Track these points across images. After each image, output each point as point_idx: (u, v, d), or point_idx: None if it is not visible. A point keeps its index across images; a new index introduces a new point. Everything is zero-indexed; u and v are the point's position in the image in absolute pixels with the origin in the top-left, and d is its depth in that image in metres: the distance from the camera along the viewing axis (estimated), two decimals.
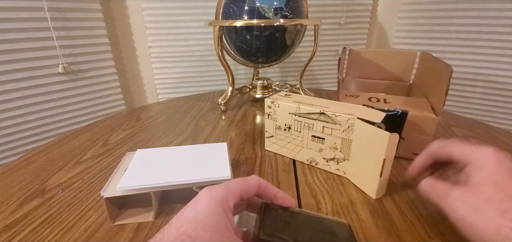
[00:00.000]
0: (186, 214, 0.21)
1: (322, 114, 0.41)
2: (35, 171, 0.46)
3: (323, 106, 0.42)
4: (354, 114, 0.38)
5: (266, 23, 0.60)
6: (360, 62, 0.65)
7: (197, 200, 0.22)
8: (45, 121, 0.78)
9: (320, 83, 1.07)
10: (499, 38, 0.81)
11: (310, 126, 0.43)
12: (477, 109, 0.90)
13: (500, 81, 0.84)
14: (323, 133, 0.42)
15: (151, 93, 1.01)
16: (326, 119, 0.41)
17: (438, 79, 0.44)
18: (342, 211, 0.35)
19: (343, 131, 0.40)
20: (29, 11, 0.69)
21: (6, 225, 0.34)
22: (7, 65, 0.69)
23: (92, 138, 0.58)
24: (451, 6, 0.86)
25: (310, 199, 0.38)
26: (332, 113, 0.40)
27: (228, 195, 0.23)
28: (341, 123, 0.39)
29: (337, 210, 0.36)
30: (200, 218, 0.20)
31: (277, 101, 0.46)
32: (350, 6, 0.95)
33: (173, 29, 0.90)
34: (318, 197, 0.38)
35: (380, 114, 0.39)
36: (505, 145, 0.52)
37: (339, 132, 0.40)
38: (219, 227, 0.20)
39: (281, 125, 0.47)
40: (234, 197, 0.23)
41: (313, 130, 0.43)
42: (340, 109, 0.40)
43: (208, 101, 0.80)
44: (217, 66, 0.77)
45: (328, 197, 0.38)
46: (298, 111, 0.43)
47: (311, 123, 0.43)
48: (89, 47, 0.81)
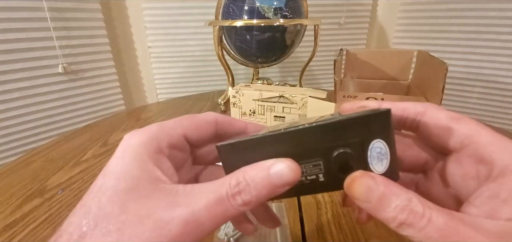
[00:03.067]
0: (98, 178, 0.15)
1: (281, 97, 0.49)
2: (35, 171, 0.46)
3: (281, 91, 0.49)
4: (306, 94, 0.48)
5: (266, 23, 0.60)
6: (358, 63, 0.65)
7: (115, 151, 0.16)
8: (45, 121, 0.78)
9: (320, 83, 1.08)
10: (498, 38, 0.81)
11: (272, 108, 0.50)
12: (477, 109, 0.90)
13: (499, 81, 0.84)
14: (283, 112, 0.50)
15: (151, 93, 1.01)
16: (284, 101, 0.49)
17: (435, 77, 0.44)
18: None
19: (299, 108, 0.48)
20: (29, 11, 0.69)
21: (6, 225, 0.34)
22: (7, 65, 0.69)
23: (92, 138, 0.58)
24: (451, 6, 0.86)
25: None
26: (289, 95, 0.48)
27: (159, 134, 0.17)
28: (297, 102, 0.48)
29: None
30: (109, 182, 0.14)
31: (241, 91, 0.51)
32: (349, 6, 0.95)
33: (173, 29, 0.90)
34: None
35: (323, 93, 0.48)
36: None
37: (295, 109, 0.49)
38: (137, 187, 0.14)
39: (246, 111, 0.53)
40: (170, 136, 0.17)
41: (275, 111, 0.51)
42: (295, 92, 0.49)
43: (208, 101, 0.80)
44: (217, 66, 0.77)
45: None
46: (261, 97, 0.50)
47: (272, 106, 0.50)
48: (89, 47, 0.81)
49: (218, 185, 0.15)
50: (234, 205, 0.14)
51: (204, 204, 0.14)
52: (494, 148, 0.14)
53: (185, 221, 0.14)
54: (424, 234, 0.12)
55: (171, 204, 0.14)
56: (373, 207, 0.14)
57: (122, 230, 0.13)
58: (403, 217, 0.13)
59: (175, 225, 0.13)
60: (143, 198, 0.14)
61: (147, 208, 0.14)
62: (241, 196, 0.14)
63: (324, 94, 0.48)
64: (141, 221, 0.13)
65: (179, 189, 0.15)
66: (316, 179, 0.16)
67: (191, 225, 0.14)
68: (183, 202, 0.14)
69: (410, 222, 0.13)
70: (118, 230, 0.13)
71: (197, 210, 0.14)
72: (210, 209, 0.14)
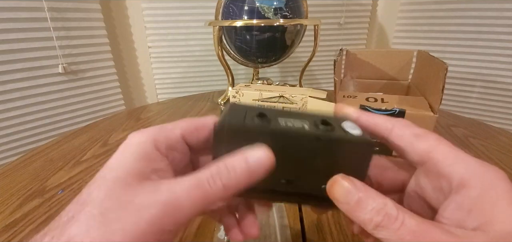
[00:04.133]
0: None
1: (281, 97, 0.48)
2: (35, 171, 0.46)
3: (281, 91, 0.49)
4: (306, 94, 0.48)
5: (266, 23, 0.60)
6: (358, 63, 0.65)
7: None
8: (45, 121, 0.78)
9: (320, 83, 1.08)
10: (498, 38, 0.81)
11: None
12: (476, 109, 0.90)
13: (499, 81, 0.84)
14: None
15: (151, 93, 1.01)
16: (284, 101, 0.49)
17: (435, 77, 0.44)
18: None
19: (299, 108, 0.48)
20: (29, 11, 0.69)
21: (6, 225, 0.34)
22: (7, 65, 0.69)
23: (92, 138, 0.58)
24: (451, 6, 0.86)
25: None
26: (289, 95, 0.48)
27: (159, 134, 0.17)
28: (297, 102, 0.48)
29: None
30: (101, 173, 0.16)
31: (241, 91, 0.51)
32: (349, 6, 0.95)
33: (173, 29, 0.90)
34: None
35: (323, 93, 0.49)
36: (505, 144, 0.52)
37: (296, 109, 0.48)
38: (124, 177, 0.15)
39: None
40: (168, 137, 0.18)
41: None
42: (295, 92, 0.49)
43: (208, 102, 0.80)
44: (217, 66, 0.77)
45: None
46: (261, 97, 0.50)
47: (272, 106, 0.50)
48: (88, 47, 0.81)
49: (200, 172, 0.16)
50: (214, 187, 0.15)
51: (185, 187, 0.15)
52: (449, 162, 0.15)
53: (164, 203, 0.14)
54: (398, 235, 0.13)
55: (153, 190, 0.15)
56: (351, 208, 0.15)
57: (105, 214, 0.14)
58: (378, 219, 0.14)
59: (154, 207, 0.14)
60: (128, 186, 0.15)
61: (130, 195, 0.15)
62: (221, 179, 0.15)
63: (324, 94, 0.48)
64: (123, 206, 0.14)
65: (165, 181, 0.16)
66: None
67: (170, 207, 0.14)
68: (164, 188, 0.15)
69: (384, 224, 0.14)
70: (101, 214, 0.14)
71: (177, 192, 0.15)
72: (190, 191, 0.15)
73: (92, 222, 0.14)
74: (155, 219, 0.14)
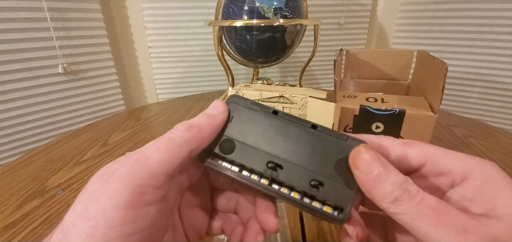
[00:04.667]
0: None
1: (281, 97, 0.48)
2: (35, 171, 0.46)
3: (281, 91, 0.49)
4: (306, 94, 0.48)
5: (266, 23, 0.60)
6: (357, 63, 0.65)
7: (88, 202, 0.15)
8: (45, 121, 0.78)
9: (320, 83, 1.08)
10: (498, 38, 0.81)
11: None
12: (476, 109, 0.90)
13: (499, 81, 0.84)
14: None
15: (151, 93, 1.01)
16: (284, 101, 0.49)
17: (435, 77, 0.44)
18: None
19: (299, 108, 0.48)
20: (29, 11, 0.69)
21: (6, 225, 0.34)
22: (7, 65, 0.69)
23: (92, 138, 0.58)
24: (451, 6, 0.86)
25: None
26: (289, 95, 0.48)
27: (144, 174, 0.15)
28: (297, 102, 0.48)
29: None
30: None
31: (241, 91, 0.51)
32: (349, 6, 0.95)
33: (173, 29, 0.90)
34: None
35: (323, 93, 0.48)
36: (505, 144, 0.52)
37: (296, 109, 0.48)
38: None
39: None
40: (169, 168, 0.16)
41: None
42: (295, 92, 0.49)
43: (208, 102, 0.80)
44: (217, 66, 0.77)
45: None
46: (261, 97, 0.50)
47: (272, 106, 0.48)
48: (88, 47, 0.81)
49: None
50: (177, 131, 0.17)
51: (151, 142, 0.17)
52: (448, 160, 0.16)
53: (132, 160, 0.15)
54: (418, 209, 0.14)
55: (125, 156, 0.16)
56: (372, 179, 0.15)
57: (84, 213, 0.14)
58: (399, 192, 0.14)
59: (123, 166, 0.15)
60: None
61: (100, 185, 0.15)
62: (182, 125, 0.17)
63: (324, 94, 0.48)
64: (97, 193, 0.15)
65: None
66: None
67: (139, 162, 0.15)
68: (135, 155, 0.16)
69: (404, 198, 0.14)
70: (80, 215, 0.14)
71: (144, 148, 0.16)
72: (155, 143, 0.16)
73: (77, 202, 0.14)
74: (125, 175, 0.15)
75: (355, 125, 0.48)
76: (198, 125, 0.17)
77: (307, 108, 0.48)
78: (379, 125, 0.47)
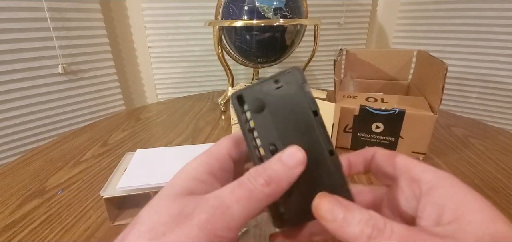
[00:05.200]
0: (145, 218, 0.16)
1: None
2: (35, 171, 0.46)
3: None
4: None
5: (266, 23, 0.60)
6: (357, 63, 0.65)
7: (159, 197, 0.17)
8: (45, 121, 0.78)
9: (320, 83, 1.08)
10: (497, 38, 0.81)
11: None
12: (476, 109, 0.90)
13: (499, 81, 0.84)
14: None
15: (151, 93, 1.01)
16: None
17: (435, 77, 0.44)
18: None
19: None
20: (29, 11, 0.69)
21: (6, 225, 0.34)
22: (7, 65, 0.69)
23: (91, 138, 0.58)
24: (451, 6, 0.86)
25: None
26: None
27: (209, 158, 0.19)
28: None
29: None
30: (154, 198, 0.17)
31: None
32: (349, 6, 0.95)
33: (172, 29, 0.90)
34: None
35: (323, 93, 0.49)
36: (505, 144, 0.52)
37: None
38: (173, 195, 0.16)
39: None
40: (219, 160, 0.19)
41: None
42: None
43: (208, 102, 0.80)
44: (217, 66, 0.77)
45: None
46: None
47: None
48: (88, 47, 0.81)
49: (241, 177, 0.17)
50: (256, 184, 0.16)
51: (229, 189, 0.16)
52: (420, 169, 0.18)
53: (213, 206, 0.15)
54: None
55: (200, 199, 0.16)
56: (339, 224, 0.15)
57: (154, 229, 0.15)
58: (369, 230, 0.14)
59: (204, 212, 0.15)
60: (175, 199, 0.16)
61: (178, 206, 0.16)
62: (261, 176, 0.16)
63: (324, 94, 0.48)
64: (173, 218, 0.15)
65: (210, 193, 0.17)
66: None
67: (219, 210, 0.15)
68: (211, 196, 0.16)
69: (375, 235, 0.14)
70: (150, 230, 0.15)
71: (223, 196, 0.16)
72: (234, 191, 0.16)
73: (141, 238, 0.14)
74: (205, 223, 0.15)
75: (355, 125, 0.48)
76: (277, 180, 0.17)
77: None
78: (379, 124, 0.47)
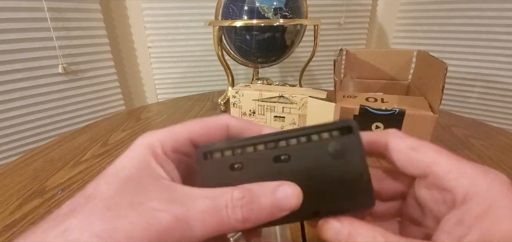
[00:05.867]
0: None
1: (281, 97, 0.49)
2: (35, 171, 0.46)
3: (281, 91, 0.50)
4: (306, 94, 0.48)
5: (266, 23, 0.60)
6: (357, 63, 0.65)
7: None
8: (45, 121, 0.78)
9: (320, 83, 1.08)
10: (498, 38, 0.81)
11: (272, 108, 0.50)
12: (476, 109, 0.90)
13: (499, 81, 0.84)
14: (283, 112, 0.50)
15: (151, 93, 1.01)
16: (284, 101, 0.49)
17: (435, 77, 0.44)
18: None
19: (299, 108, 0.48)
20: (29, 11, 0.69)
21: (6, 225, 0.34)
22: (7, 65, 0.69)
23: (91, 138, 0.58)
24: (451, 6, 0.86)
25: None
26: (289, 95, 0.48)
27: (165, 137, 0.17)
28: (297, 102, 0.48)
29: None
30: (112, 170, 0.15)
31: (241, 91, 0.51)
32: (349, 6, 0.95)
33: (172, 29, 0.90)
34: None
35: (323, 93, 0.49)
36: (505, 144, 0.52)
37: (295, 109, 0.49)
38: (136, 177, 0.15)
39: (246, 111, 0.52)
40: (175, 141, 0.17)
41: (275, 111, 0.50)
42: (295, 92, 0.49)
43: (208, 102, 0.80)
44: (217, 66, 0.77)
45: None
46: (261, 97, 0.50)
47: (272, 106, 0.50)
48: (88, 47, 0.81)
49: (219, 193, 0.15)
50: (231, 218, 0.14)
51: (201, 208, 0.14)
52: (452, 176, 0.14)
53: (176, 218, 0.13)
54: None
55: (167, 199, 0.14)
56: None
57: (112, 209, 0.13)
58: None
59: (166, 218, 0.13)
60: (141, 187, 0.14)
61: (142, 196, 0.14)
62: (241, 210, 0.14)
63: (324, 94, 0.48)
64: (133, 206, 0.13)
65: (178, 188, 0.15)
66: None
67: (181, 224, 0.14)
68: (179, 200, 0.14)
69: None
70: (108, 209, 0.13)
71: (192, 212, 0.14)
72: (205, 215, 0.14)
73: (97, 215, 0.13)
74: (164, 230, 0.13)
75: None
76: (256, 219, 0.14)
77: (307, 109, 0.48)
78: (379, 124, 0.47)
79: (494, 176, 0.14)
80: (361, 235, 0.14)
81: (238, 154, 0.16)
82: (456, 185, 0.14)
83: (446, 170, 0.15)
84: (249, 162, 0.16)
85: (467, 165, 0.15)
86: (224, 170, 0.16)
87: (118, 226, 0.13)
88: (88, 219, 0.13)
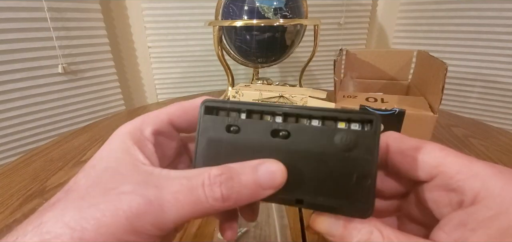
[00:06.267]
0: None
1: (281, 97, 0.49)
2: (35, 171, 0.46)
3: (281, 91, 0.50)
4: (306, 94, 0.47)
5: (266, 23, 0.60)
6: (357, 63, 0.65)
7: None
8: (45, 121, 0.78)
9: (320, 84, 1.08)
10: (498, 38, 0.81)
11: None
12: (476, 109, 0.90)
13: (499, 81, 0.84)
14: None
15: (151, 93, 1.01)
16: (284, 101, 0.49)
17: (435, 77, 0.44)
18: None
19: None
20: (29, 11, 0.69)
21: (6, 225, 0.34)
22: (7, 65, 0.69)
23: (91, 138, 0.58)
24: (451, 6, 0.86)
25: None
26: (289, 95, 0.48)
27: (144, 122, 0.17)
28: (297, 102, 0.48)
29: None
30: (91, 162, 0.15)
31: (241, 91, 0.51)
32: (349, 6, 0.95)
33: (172, 29, 0.90)
34: None
35: (323, 93, 0.49)
36: (505, 144, 0.52)
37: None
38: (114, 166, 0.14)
39: None
40: (154, 123, 0.17)
41: None
42: (295, 92, 0.49)
43: None
44: (217, 66, 0.77)
45: None
46: (261, 97, 0.50)
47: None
48: (88, 47, 0.81)
49: (196, 172, 0.14)
50: (209, 197, 0.13)
51: (174, 189, 0.13)
52: (462, 176, 0.13)
53: (148, 201, 0.13)
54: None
55: (141, 182, 0.14)
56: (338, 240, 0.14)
57: (85, 199, 0.13)
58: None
59: (136, 201, 0.13)
60: (117, 174, 0.14)
61: (116, 182, 0.14)
62: (220, 188, 0.13)
63: (324, 94, 0.48)
64: (105, 193, 0.13)
65: (155, 171, 0.14)
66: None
67: (154, 207, 0.13)
68: (154, 182, 0.14)
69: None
70: (81, 199, 0.13)
71: (165, 193, 0.13)
72: (179, 195, 0.13)
73: (71, 206, 0.13)
74: (135, 215, 0.13)
75: None
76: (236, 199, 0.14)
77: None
78: None
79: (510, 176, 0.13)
80: (357, 229, 0.14)
81: (238, 118, 0.16)
82: (465, 186, 0.13)
83: (456, 170, 0.14)
84: (246, 128, 0.15)
85: (479, 165, 0.14)
86: (220, 130, 0.16)
87: (87, 214, 0.12)
88: (62, 211, 0.13)
